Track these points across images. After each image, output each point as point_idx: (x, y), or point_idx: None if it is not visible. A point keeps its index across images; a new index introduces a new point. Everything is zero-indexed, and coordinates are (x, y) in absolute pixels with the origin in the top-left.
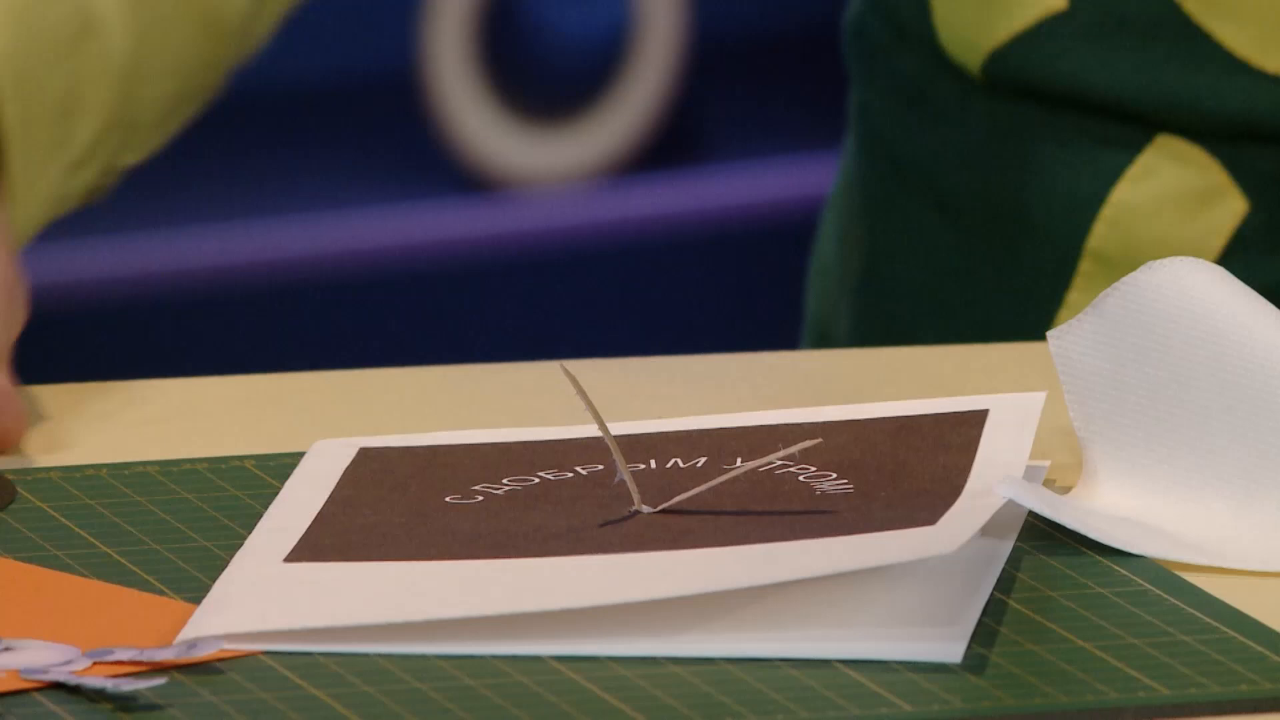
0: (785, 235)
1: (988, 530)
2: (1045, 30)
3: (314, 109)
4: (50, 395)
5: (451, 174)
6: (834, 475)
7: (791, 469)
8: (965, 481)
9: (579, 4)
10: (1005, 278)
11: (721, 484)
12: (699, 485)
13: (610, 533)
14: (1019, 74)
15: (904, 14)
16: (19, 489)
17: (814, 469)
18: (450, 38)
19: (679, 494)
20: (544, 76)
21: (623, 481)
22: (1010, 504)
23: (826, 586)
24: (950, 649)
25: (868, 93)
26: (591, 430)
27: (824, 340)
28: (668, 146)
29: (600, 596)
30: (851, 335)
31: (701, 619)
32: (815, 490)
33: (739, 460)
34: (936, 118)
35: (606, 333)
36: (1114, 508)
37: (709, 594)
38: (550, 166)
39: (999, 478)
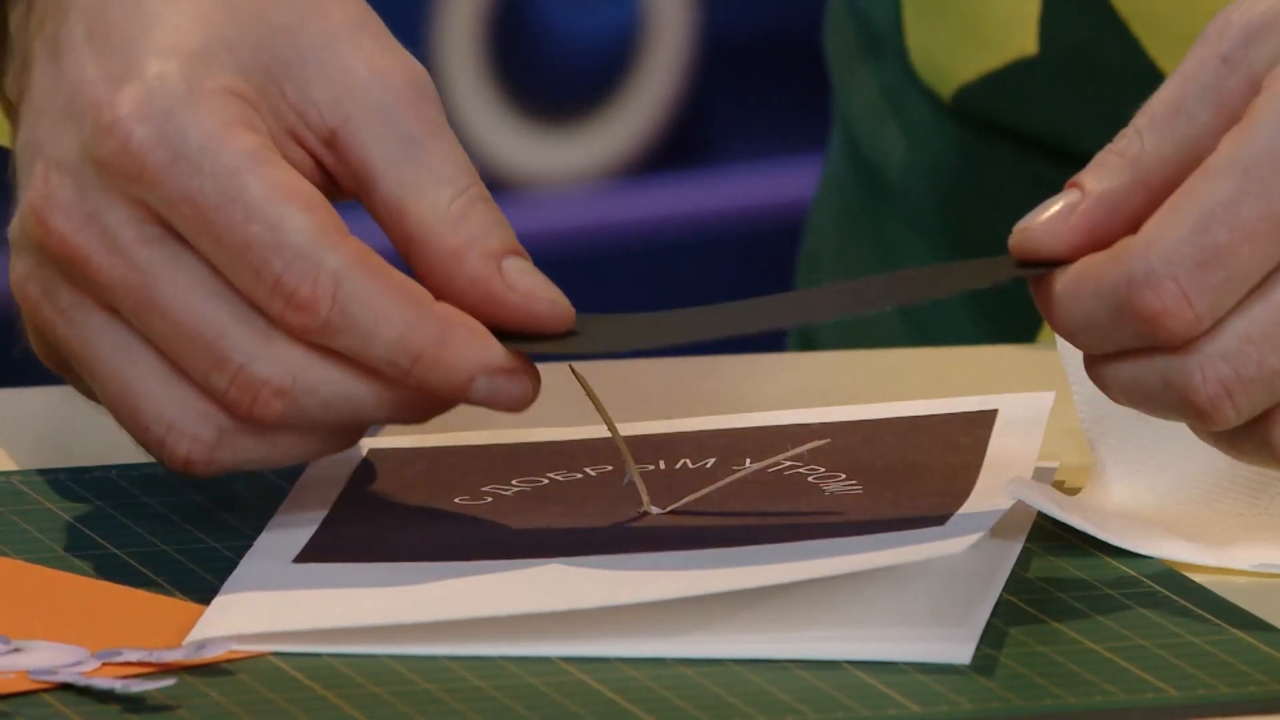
0: (794, 236)
1: (996, 531)
2: (1016, 73)
3: None
4: (57, 395)
5: None
6: (843, 476)
7: (800, 470)
8: (974, 482)
9: (588, 5)
10: (979, 304)
11: (730, 485)
12: (708, 486)
13: (619, 534)
14: (989, 112)
15: (878, 25)
16: (27, 491)
17: (823, 470)
18: (459, 39)
19: (688, 495)
20: (553, 78)
21: (632, 483)
22: (1019, 505)
23: (834, 587)
24: (959, 650)
25: (846, 95)
26: (600, 431)
27: (808, 341)
28: (677, 148)
29: (609, 598)
30: (834, 340)
31: (710, 620)
32: (824, 491)
33: (748, 461)
34: (910, 135)
35: None
36: (1123, 509)
37: (718, 595)
38: (559, 167)
39: (1008, 479)
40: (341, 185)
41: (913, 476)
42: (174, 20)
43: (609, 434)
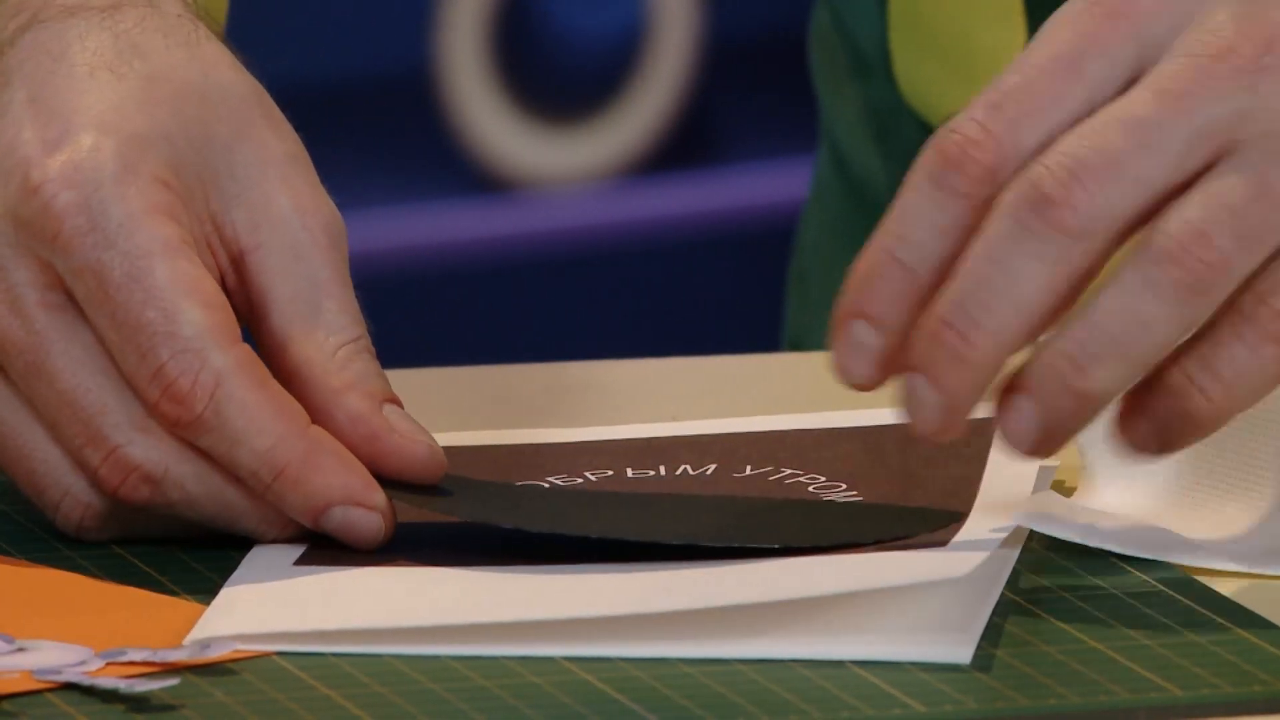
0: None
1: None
2: None
3: (328, 109)
4: None
5: (465, 174)
6: (843, 486)
7: (801, 478)
8: (975, 494)
9: (593, 4)
10: None
11: (731, 492)
12: (710, 493)
13: (620, 541)
14: None
15: (865, 48)
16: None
17: (823, 479)
18: (464, 38)
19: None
20: (558, 77)
21: (632, 480)
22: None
23: (835, 559)
24: (961, 650)
25: (833, 111)
26: (601, 434)
27: (798, 349)
28: (683, 147)
29: (611, 608)
30: (823, 348)
31: (714, 620)
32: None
33: (748, 468)
34: (899, 155)
35: (621, 333)
36: (1118, 509)
37: (719, 573)
38: (565, 167)
39: (1009, 494)
40: (235, 306)
41: (914, 486)
42: (118, 101)
43: (609, 436)
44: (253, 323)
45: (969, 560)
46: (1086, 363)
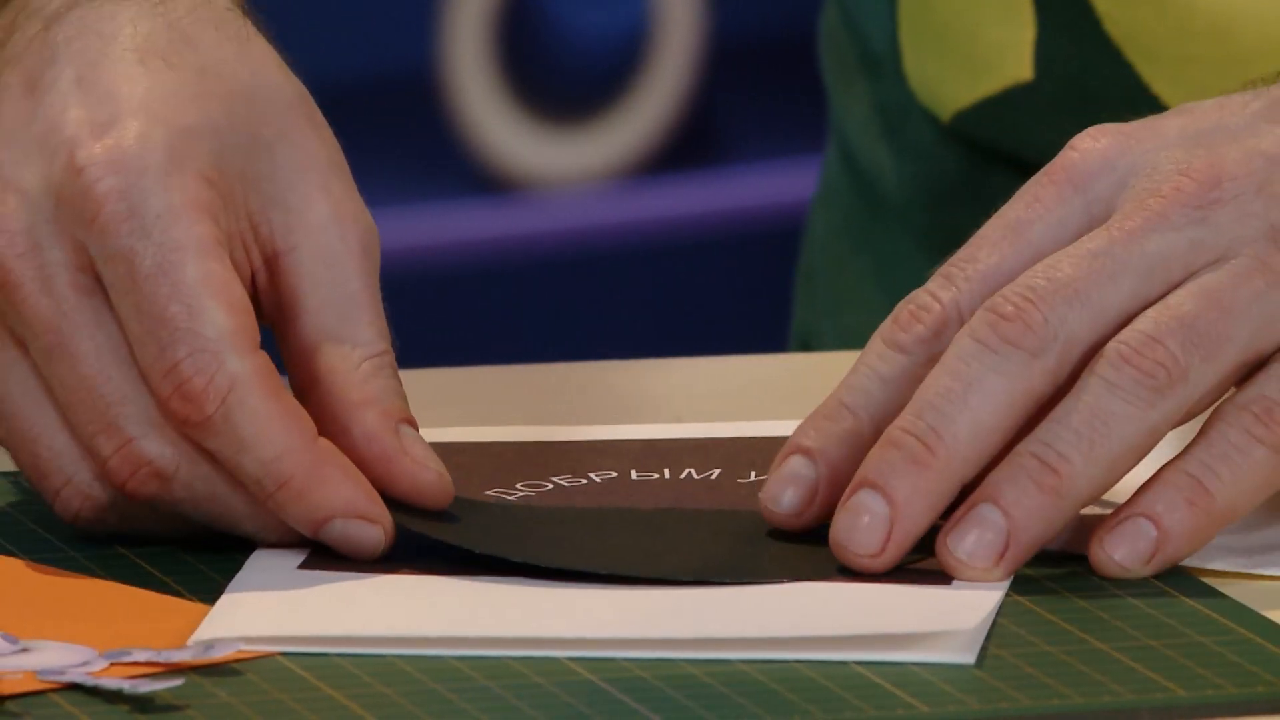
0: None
1: None
2: (1011, 99)
3: (331, 109)
4: None
5: (469, 174)
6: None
7: None
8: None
9: (597, 4)
10: None
11: (735, 498)
12: (714, 500)
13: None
14: (987, 137)
15: (875, 46)
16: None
17: None
18: (468, 38)
19: (692, 506)
20: (562, 77)
21: (635, 488)
22: None
23: (840, 589)
24: (965, 651)
25: (843, 109)
26: (606, 432)
27: (806, 348)
28: (687, 147)
29: (612, 629)
30: (834, 342)
31: (717, 620)
32: None
33: (753, 474)
34: (910, 152)
35: (625, 334)
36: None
37: (724, 596)
38: (568, 167)
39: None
40: (263, 308)
41: None
42: (170, 91)
43: (613, 436)
44: (279, 325)
45: (978, 608)
46: (1054, 459)
